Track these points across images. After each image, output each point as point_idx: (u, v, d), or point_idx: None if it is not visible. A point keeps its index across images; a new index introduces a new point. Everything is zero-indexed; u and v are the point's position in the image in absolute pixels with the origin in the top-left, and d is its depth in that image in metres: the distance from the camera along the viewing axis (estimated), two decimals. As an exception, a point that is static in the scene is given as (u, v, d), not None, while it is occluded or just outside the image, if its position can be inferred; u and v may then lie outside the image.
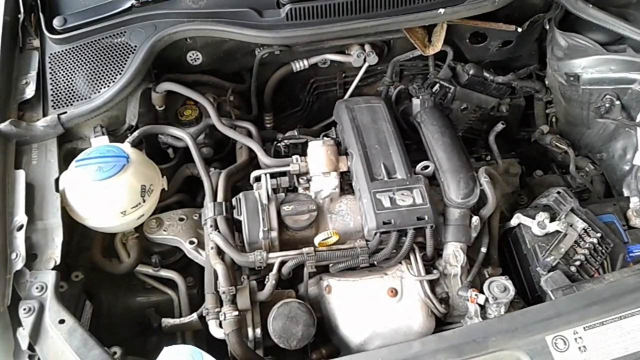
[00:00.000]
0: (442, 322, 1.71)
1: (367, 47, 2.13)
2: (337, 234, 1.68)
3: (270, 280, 1.63)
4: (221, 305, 1.60)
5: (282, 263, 1.65)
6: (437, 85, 2.14)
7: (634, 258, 1.81)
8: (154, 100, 1.99)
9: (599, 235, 1.75)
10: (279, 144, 2.00)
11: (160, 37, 1.88)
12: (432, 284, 1.70)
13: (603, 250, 1.75)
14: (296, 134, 2.06)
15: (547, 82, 2.32)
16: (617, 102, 2.02)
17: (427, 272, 1.69)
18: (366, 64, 2.17)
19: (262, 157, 1.88)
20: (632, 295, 1.36)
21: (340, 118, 1.93)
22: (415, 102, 2.03)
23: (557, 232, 1.75)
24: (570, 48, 2.05)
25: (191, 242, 1.81)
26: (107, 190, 1.66)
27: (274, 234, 1.68)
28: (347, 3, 1.89)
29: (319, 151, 1.81)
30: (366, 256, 1.66)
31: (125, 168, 1.68)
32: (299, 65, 2.16)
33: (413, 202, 1.69)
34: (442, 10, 1.95)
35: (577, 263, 1.70)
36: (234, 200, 1.79)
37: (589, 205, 1.86)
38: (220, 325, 1.58)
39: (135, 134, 1.87)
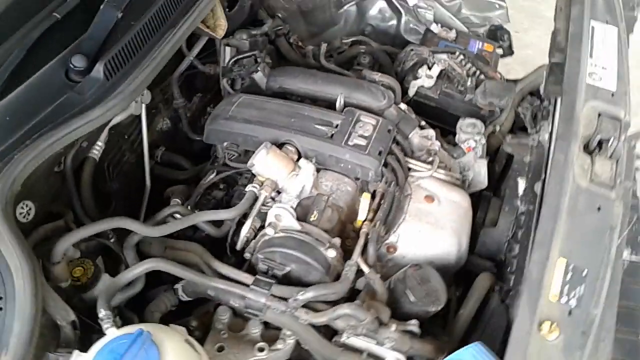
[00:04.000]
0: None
1: None
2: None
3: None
4: None
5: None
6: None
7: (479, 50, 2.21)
8: None
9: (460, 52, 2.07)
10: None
11: None
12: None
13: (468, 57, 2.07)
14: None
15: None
16: None
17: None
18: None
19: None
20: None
21: (230, 136, 1.70)
22: (258, 76, 1.90)
23: (442, 70, 2.01)
24: None
25: None
26: None
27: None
28: (150, 25, 1.57)
29: (270, 160, 1.54)
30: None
31: None
32: None
33: (374, 124, 1.67)
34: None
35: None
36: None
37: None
38: None
39: None
